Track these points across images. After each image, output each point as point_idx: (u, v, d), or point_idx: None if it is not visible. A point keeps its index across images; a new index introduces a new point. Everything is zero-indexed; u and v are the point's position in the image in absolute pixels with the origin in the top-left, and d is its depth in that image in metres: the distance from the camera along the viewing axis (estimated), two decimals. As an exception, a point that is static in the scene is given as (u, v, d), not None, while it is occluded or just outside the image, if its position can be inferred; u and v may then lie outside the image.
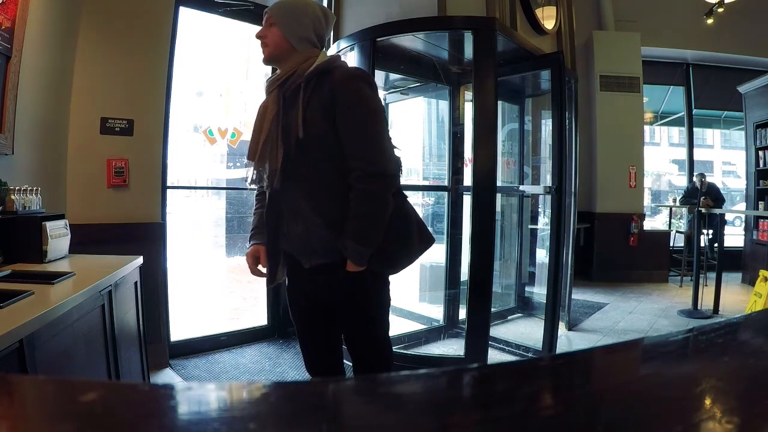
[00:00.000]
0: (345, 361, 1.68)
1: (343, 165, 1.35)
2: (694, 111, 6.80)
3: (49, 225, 1.89)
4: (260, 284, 3.73)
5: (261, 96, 1.50)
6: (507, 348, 3.22)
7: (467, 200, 3.01)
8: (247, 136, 3.50)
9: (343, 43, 3.21)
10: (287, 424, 0.32)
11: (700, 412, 0.36)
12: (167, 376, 2.75)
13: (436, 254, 3.45)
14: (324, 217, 1.36)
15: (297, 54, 1.41)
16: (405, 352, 3.00)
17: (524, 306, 4.11)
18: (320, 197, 1.37)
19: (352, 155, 1.34)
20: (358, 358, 1.54)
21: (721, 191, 6.13)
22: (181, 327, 3.06)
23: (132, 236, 2.63)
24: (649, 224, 6.51)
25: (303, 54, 1.41)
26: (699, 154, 7.40)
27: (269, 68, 3.42)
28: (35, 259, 1.84)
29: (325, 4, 3.70)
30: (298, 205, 1.39)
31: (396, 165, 1.38)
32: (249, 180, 1.45)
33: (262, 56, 1.46)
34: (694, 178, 5.59)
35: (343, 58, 3.36)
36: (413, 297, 3.84)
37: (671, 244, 5.83)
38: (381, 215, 1.34)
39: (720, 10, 5.11)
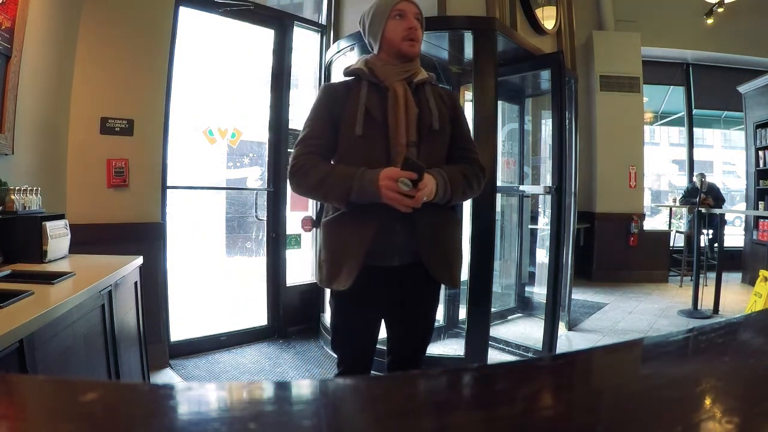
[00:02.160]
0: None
1: (443, 162, 1.49)
2: (694, 111, 6.80)
3: (49, 225, 1.89)
4: (260, 284, 3.69)
5: (263, 96, 1.51)
6: (507, 348, 3.22)
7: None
8: (246, 136, 3.50)
9: (343, 43, 3.21)
10: (287, 423, 0.32)
11: (700, 412, 0.36)
12: (167, 376, 2.75)
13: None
14: (441, 219, 1.44)
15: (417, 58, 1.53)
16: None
17: (524, 306, 4.11)
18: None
19: (474, 158, 1.53)
20: (415, 349, 1.57)
21: (721, 191, 6.14)
22: (181, 327, 3.06)
23: (132, 236, 2.63)
24: (649, 224, 6.51)
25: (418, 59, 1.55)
26: (699, 154, 7.40)
27: (270, 67, 3.43)
28: (35, 259, 1.84)
29: (324, 4, 3.70)
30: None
31: None
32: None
33: (413, 49, 1.47)
34: (694, 178, 5.59)
35: (343, 58, 3.37)
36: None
37: (671, 244, 5.83)
38: (468, 194, 1.50)
39: (720, 10, 5.11)
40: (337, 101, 1.45)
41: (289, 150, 3.47)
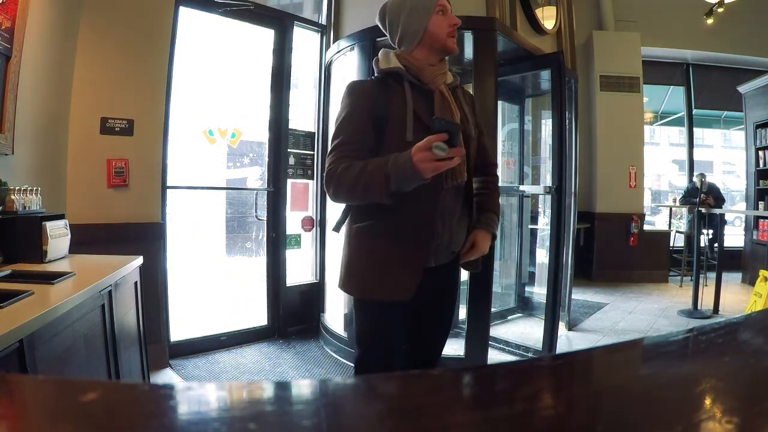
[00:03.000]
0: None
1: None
2: (694, 111, 6.80)
3: (49, 225, 1.89)
4: (260, 284, 3.67)
5: (263, 96, 1.48)
6: (507, 348, 3.22)
7: (467, 200, 3.01)
8: (246, 136, 3.50)
9: (343, 43, 3.21)
10: (287, 423, 0.32)
11: (700, 412, 0.36)
12: (167, 376, 2.75)
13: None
14: (468, 215, 1.44)
15: None
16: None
17: (524, 306, 4.11)
18: (468, 196, 1.44)
19: (492, 163, 1.60)
20: (436, 351, 1.55)
21: (721, 191, 6.14)
22: (181, 327, 3.06)
23: (132, 236, 2.63)
24: (649, 224, 6.51)
25: None
26: (699, 154, 7.39)
27: (270, 67, 3.43)
28: (35, 259, 1.84)
29: (324, 4, 3.70)
30: (453, 203, 1.37)
31: None
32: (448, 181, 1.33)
33: (454, 46, 1.40)
34: (695, 178, 5.59)
35: (343, 59, 3.37)
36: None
37: (671, 244, 5.83)
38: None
39: (720, 10, 5.10)
40: (379, 101, 1.32)
41: (289, 150, 3.47)
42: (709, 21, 5.26)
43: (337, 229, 1.48)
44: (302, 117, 3.64)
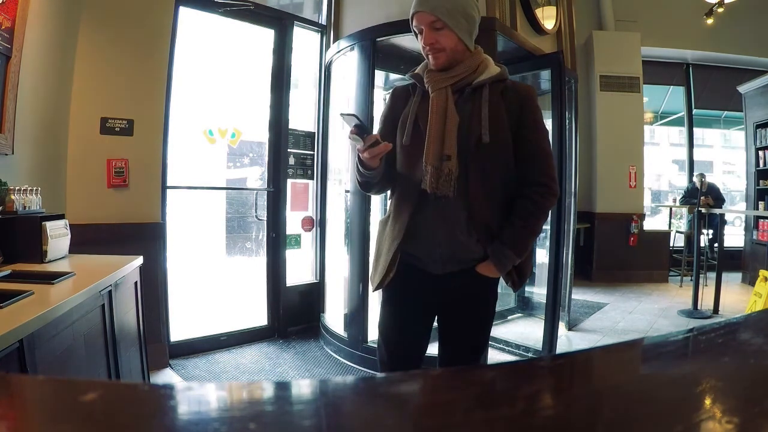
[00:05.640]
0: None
1: (508, 176, 1.37)
2: (694, 111, 6.80)
3: (49, 225, 1.89)
4: (260, 284, 3.66)
5: (263, 96, 1.50)
6: (507, 348, 3.22)
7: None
8: (246, 136, 3.50)
9: (343, 43, 3.21)
10: (287, 423, 0.32)
11: (700, 412, 0.36)
12: (167, 376, 2.75)
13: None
14: (481, 226, 1.33)
15: (471, 56, 1.39)
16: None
17: (524, 306, 4.11)
18: (483, 206, 1.33)
19: (539, 170, 1.36)
20: (462, 357, 1.46)
21: (721, 191, 6.14)
22: (181, 327, 3.06)
23: (132, 236, 2.63)
24: (649, 224, 6.51)
25: (477, 55, 1.39)
26: (699, 154, 7.39)
27: (270, 67, 3.43)
28: (35, 259, 1.84)
29: (324, 4, 3.70)
30: (455, 213, 1.33)
31: None
32: (427, 184, 1.31)
33: (436, 62, 1.36)
34: (694, 178, 5.59)
35: (343, 58, 3.37)
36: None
37: (671, 244, 5.83)
38: (539, 233, 1.40)
39: (720, 10, 5.10)
40: (399, 106, 1.45)
41: (289, 150, 3.48)
42: (709, 21, 5.26)
43: None
44: (302, 117, 3.64)
